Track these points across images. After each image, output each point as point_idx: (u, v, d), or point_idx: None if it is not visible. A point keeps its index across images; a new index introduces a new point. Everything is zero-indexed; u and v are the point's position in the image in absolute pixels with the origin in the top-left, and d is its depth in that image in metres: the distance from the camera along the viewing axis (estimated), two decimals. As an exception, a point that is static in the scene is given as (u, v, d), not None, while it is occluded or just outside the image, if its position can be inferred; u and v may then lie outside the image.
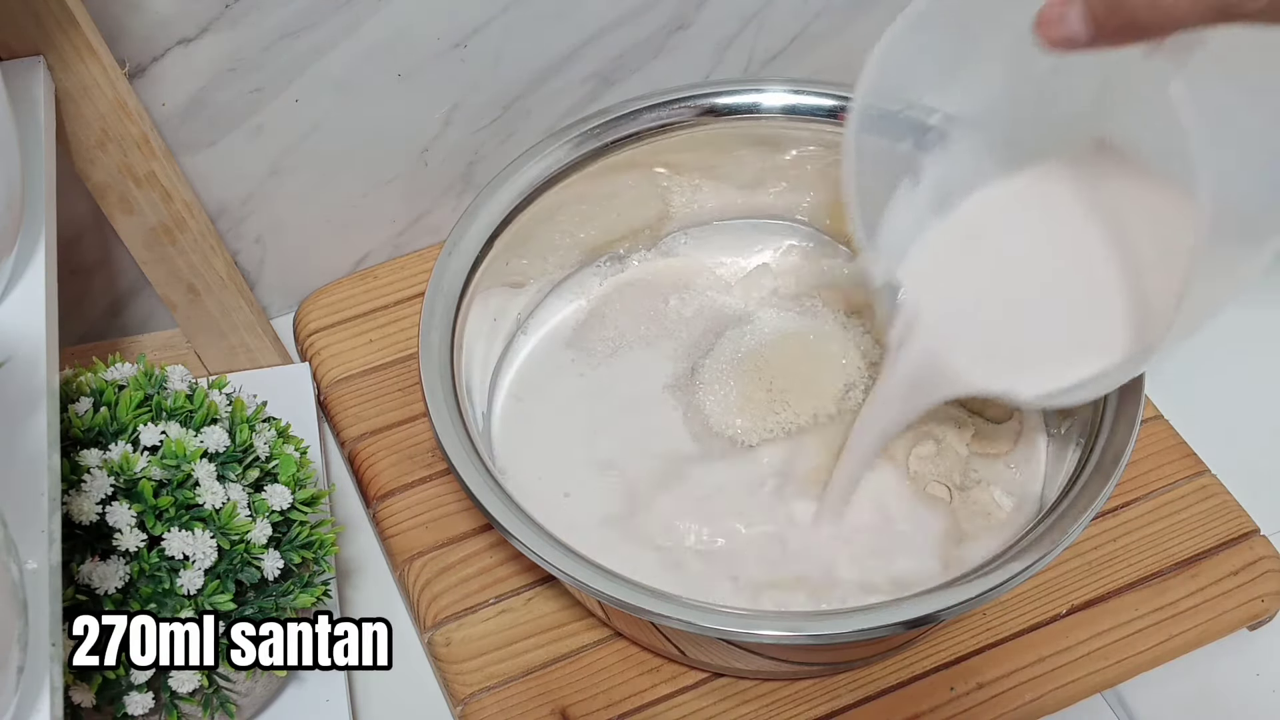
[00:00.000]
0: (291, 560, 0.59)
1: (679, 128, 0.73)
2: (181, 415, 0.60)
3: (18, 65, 0.60)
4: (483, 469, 0.61)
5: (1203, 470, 0.73)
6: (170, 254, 0.71)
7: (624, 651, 0.67)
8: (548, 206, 0.72)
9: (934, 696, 0.66)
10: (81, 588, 0.55)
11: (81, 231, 0.73)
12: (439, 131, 0.79)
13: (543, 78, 0.78)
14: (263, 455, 0.61)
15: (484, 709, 0.66)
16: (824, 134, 0.74)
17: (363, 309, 0.81)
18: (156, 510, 0.56)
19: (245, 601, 0.59)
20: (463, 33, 0.74)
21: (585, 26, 0.77)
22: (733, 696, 0.66)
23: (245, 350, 0.78)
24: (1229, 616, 0.69)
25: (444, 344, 0.65)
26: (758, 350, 0.73)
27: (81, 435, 0.58)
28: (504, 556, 0.70)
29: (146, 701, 0.57)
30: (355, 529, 0.75)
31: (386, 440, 0.75)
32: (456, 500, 0.72)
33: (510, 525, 0.59)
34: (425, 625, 0.69)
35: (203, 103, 0.70)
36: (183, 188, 0.69)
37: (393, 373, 0.78)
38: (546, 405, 0.72)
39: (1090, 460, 0.61)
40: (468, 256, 0.69)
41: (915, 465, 0.69)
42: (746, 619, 0.56)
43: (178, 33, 0.67)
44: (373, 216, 0.82)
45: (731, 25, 0.82)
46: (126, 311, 0.79)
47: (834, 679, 0.67)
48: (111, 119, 0.64)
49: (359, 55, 0.72)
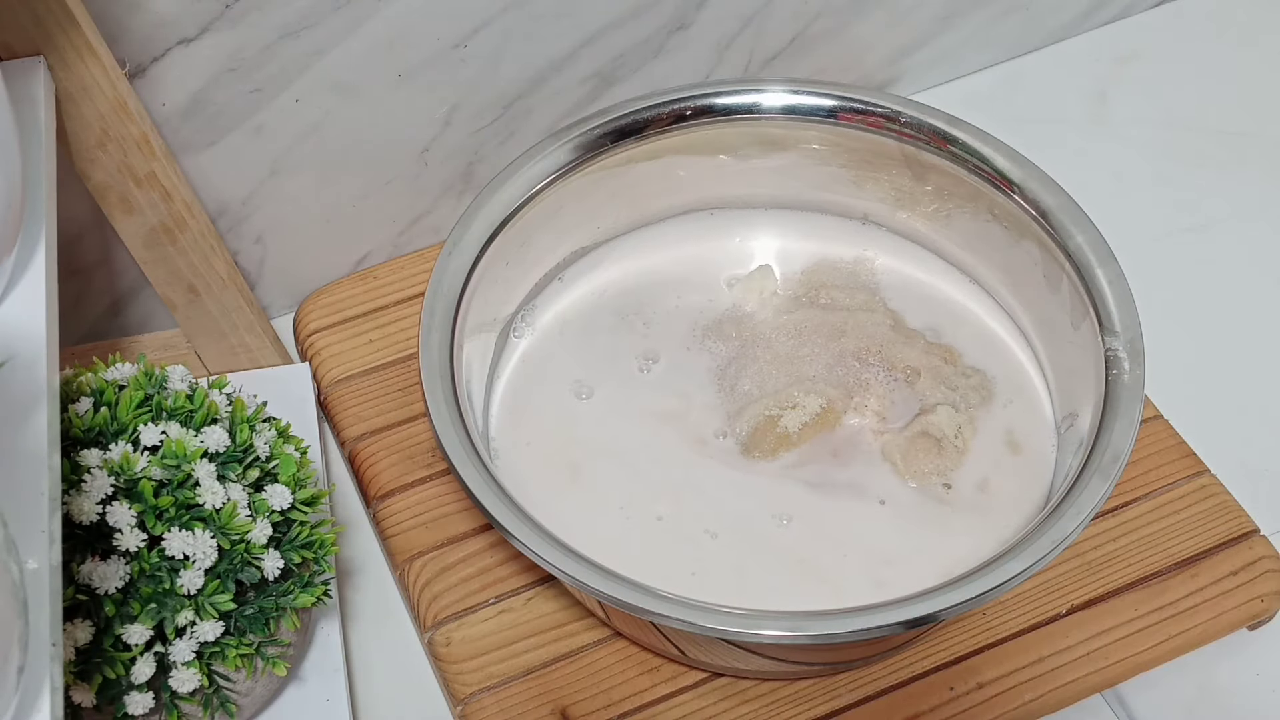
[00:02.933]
0: (292, 560, 0.59)
1: (679, 128, 0.73)
2: (182, 415, 0.60)
3: (18, 65, 0.60)
4: (482, 469, 0.61)
5: (1202, 470, 0.73)
6: (170, 254, 0.71)
7: (624, 651, 0.67)
8: (548, 206, 0.72)
9: (934, 696, 0.66)
10: (82, 587, 0.55)
11: (82, 231, 0.73)
12: (439, 131, 0.79)
13: (543, 78, 0.78)
14: (263, 455, 0.61)
15: (484, 709, 0.66)
16: (824, 134, 0.74)
17: (363, 309, 0.81)
18: (157, 510, 0.56)
19: (245, 601, 0.59)
20: (463, 33, 0.74)
21: (585, 26, 0.77)
22: (733, 696, 0.66)
23: (245, 350, 0.78)
24: (1229, 616, 0.69)
25: (444, 344, 0.65)
26: (760, 350, 0.73)
27: (82, 435, 0.58)
28: (504, 556, 0.70)
29: (147, 701, 0.57)
30: (355, 529, 0.75)
31: (386, 440, 0.75)
32: (456, 500, 0.72)
33: (510, 525, 0.59)
34: (425, 625, 0.69)
35: (203, 103, 0.70)
36: (183, 188, 0.69)
37: (393, 373, 0.78)
38: (546, 405, 0.72)
39: (1090, 460, 0.61)
40: (468, 256, 0.68)
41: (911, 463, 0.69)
42: (746, 619, 0.56)
43: (178, 33, 0.67)
44: (373, 216, 0.82)
45: (731, 25, 0.82)
46: (127, 311, 0.79)
47: (834, 679, 0.67)
48: (112, 119, 0.64)
49: (359, 55, 0.72)
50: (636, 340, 0.74)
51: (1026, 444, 0.70)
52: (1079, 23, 0.96)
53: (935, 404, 0.70)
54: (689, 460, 0.69)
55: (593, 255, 0.77)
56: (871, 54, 0.90)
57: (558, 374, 0.73)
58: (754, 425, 0.70)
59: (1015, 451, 0.69)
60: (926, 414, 0.70)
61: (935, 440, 0.69)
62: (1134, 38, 0.97)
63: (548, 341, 0.75)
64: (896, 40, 0.90)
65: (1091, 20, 0.97)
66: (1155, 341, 0.65)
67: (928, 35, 0.91)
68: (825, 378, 0.72)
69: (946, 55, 0.93)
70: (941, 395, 0.70)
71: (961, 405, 0.70)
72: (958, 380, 0.71)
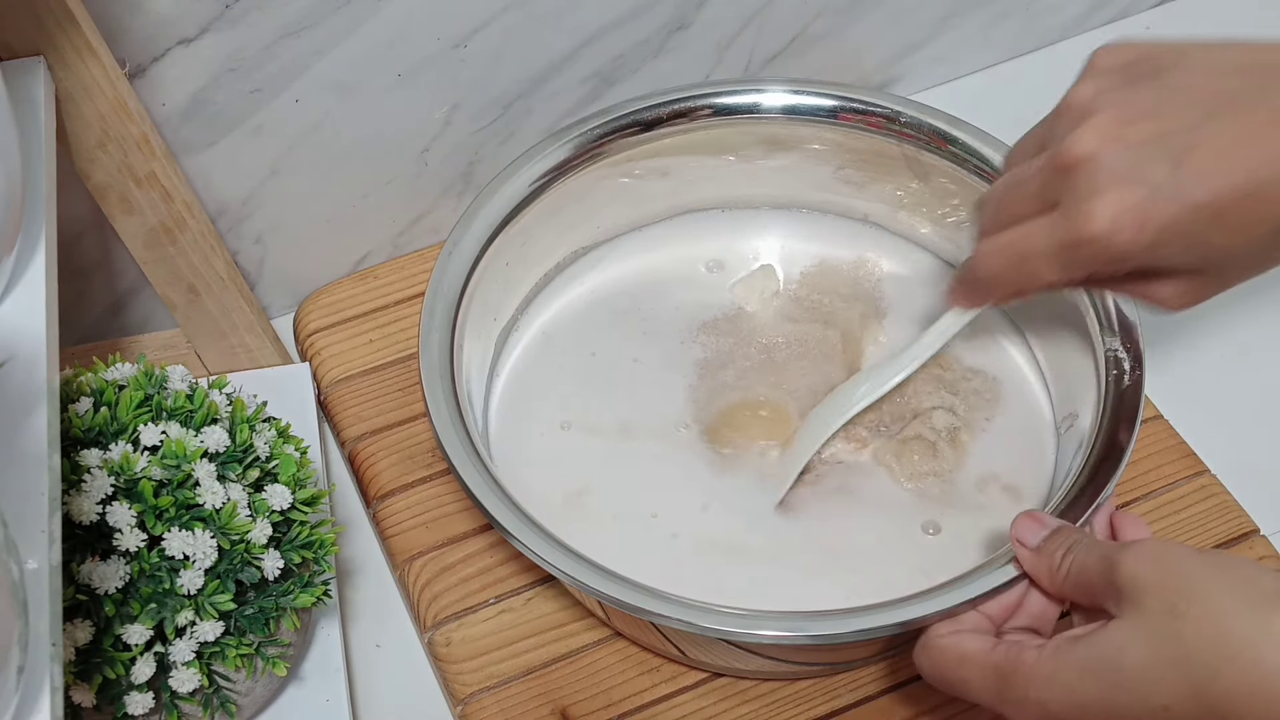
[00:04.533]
0: (292, 560, 0.59)
1: (679, 128, 0.73)
2: (182, 415, 0.60)
3: (18, 65, 0.60)
4: (483, 469, 0.61)
5: (1202, 470, 0.73)
6: (170, 254, 0.71)
7: (624, 651, 0.67)
8: (548, 206, 0.72)
9: (934, 697, 0.66)
10: (82, 587, 0.55)
11: (81, 231, 0.73)
12: (439, 131, 0.79)
13: (543, 77, 0.78)
14: (263, 455, 0.61)
15: (484, 709, 0.66)
16: (825, 134, 0.74)
17: (363, 309, 0.81)
18: (157, 510, 0.56)
19: (245, 601, 0.59)
20: (463, 32, 0.74)
21: (585, 26, 0.77)
22: (733, 696, 0.66)
23: (245, 350, 0.78)
24: (1229, 616, 0.69)
25: (444, 344, 0.65)
26: (753, 350, 0.73)
27: (82, 435, 0.58)
28: (504, 556, 0.70)
29: (147, 701, 0.57)
30: (355, 529, 0.75)
31: (386, 440, 0.75)
32: (456, 500, 0.72)
33: (510, 525, 0.59)
34: (425, 625, 0.69)
35: (203, 103, 0.70)
36: (183, 188, 0.69)
37: (393, 373, 0.78)
38: (546, 405, 0.72)
39: (1090, 460, 0.61)
40: (468, 256, 0.69)
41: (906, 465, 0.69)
42: (746, 619, 0.57)
43: (178, 33, 0.67)
44: (373, 216, 0.82)
45: (731, 25, 0.82)
46: (126, 311, 0.79)
47: (833, 679, 0.66)
48: (112, 119, 0.64)
49: (359, 55, 0.72)
50: (636, 340, 0.74)
51: (1026, 445, 0.69)
52: (1079, 23, 0.96)
53: (931, 408, 0.70)
54: (691, 459, 0.69)
55: (593, 255, 0.77)
56: (871, 54, 0.90)
57: (558, 374, 0.73)
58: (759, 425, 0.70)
59: (1015, 453, 0.69)
60: (922, 417, 0.70)
61: (930, 444, 0.69)
62: (1134, 38, 0.97)
63: (548, 341, 0.75)
64: (896, 40, 0.90)
65: (1091, 20, 0.97)
66: (1155, 341, 0.65)
67: (928, 35, 0.91)
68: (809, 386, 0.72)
69: (946, 55, 0.93)
70: (939, 400, 0.70)
71: (960, 409, 0.70)
72: (958, 384, 0.71)
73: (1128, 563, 0.50)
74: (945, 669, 0.55)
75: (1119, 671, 0.49)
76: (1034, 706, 0.52)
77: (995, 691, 0.53)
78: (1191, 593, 0.48)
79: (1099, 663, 0.50)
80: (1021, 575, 0.57)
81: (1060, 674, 0.51)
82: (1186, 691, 0.47)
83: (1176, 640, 0.47)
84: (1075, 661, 0.51)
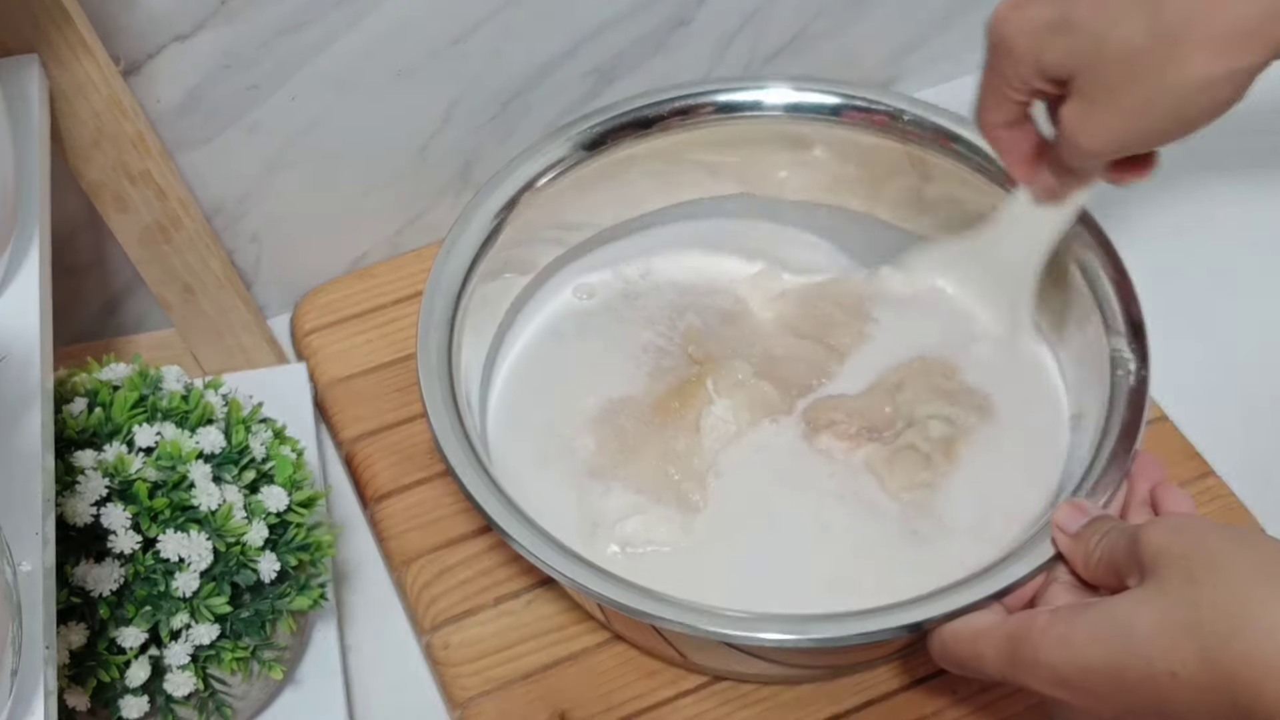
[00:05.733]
0: (288, 562, 0.59)
1: (679, 125, 0.73)
2: (177, 416, 0.60)
3: (12, 63, 0.60)
4: (481, 470, 0.61)
5: (1207, 472, 0.73)
6: (165, 253, 0.71)
7: (624, 655, 0.67)
8: (547, 205, 0.72)
9: (937, 701, 0.65)
10: (76, 590, 0.55)
11: (76, 230, 0.72)
12: (437, 129, 0.78)
13: (542, 74, 0.78)
14: (259, 456, 0.60)
15: (483, 712, 0.65)
16: (825, 132, 0.74)
17: (360, 308, 0.80)
18: (151, 512, 0.56)
19: (241, 604, 0.58)
20: (462, 29, 0.73)
21: (585, 23, 0.77)
22: (734, 700, 0.66)
23: (241, 350, 0.77)
24: (1234, 619, 0.68)
25: (442, 344, 0.65)
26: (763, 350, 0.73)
27: (76, 436, 0.58)
28: (503, 558, 0.70)
29: (142, 705, 0.57)
30: (353, 531, 0.75)
31: (384, 441, 0.75)
32: (455, 502, 0.72)
33: (509, 527, 0.59)
34: (424, 628, 0.68)
35: (198, 100, 0.70)
36: (178, 186, 0.69)
37: (391, 373, 0.77)
38: (545, 405, 0.72)
39: (1096, 462, 0.61)
40: (466, 255, 0.68)
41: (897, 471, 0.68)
42: (747, 622, 0.56)
43: (173, 29, 0.67)
44: (370, 215, 0.81)
45: (732, 22, 0.82)
46: (121, 311, 0.79)
47: (836, 683, 0.66)
48: (106, 117, 0.63)
49: (357, 52, 0.72)
50: (636, 339, 0.74)
51: (1031, 445, 0.69)
52: (1080, 21, 0.96)
53: (928, 416, 0.69)
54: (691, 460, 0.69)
55: (592, 254, 0.77)
56: (872, 52, 0.90)
57: (556, 373, 0.73)
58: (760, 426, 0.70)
59: (1020, 453, 0.69)
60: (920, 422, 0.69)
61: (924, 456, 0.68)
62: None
63: (546, 340, 0.74)
64: (897, 38, 0.90)
65: (1093, 19, 0.97)
66: (1161, 342, 0.65)
67: (928, 34, 0.90)
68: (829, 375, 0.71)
69: (947, 54, 0.93)
70: (935, 408, 0.70)
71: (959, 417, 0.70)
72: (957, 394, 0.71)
73: (1151, 535, 0.51)
74: (959, 646, 0.55)
75: (1129, 636, 0.49)
76: (1045, 670, 0.52)
77: (1008, 657, 0.53)
78: (1212, 562, 0.48)
79: (1109, 625, 0.50)
80: (1030, 574, 0.56)
81: (1072, 635, 0.51)
82: (1195, 657, 0.47)
83: (1191, 606, 0.47)
84: (1086, 623, 0.51)
